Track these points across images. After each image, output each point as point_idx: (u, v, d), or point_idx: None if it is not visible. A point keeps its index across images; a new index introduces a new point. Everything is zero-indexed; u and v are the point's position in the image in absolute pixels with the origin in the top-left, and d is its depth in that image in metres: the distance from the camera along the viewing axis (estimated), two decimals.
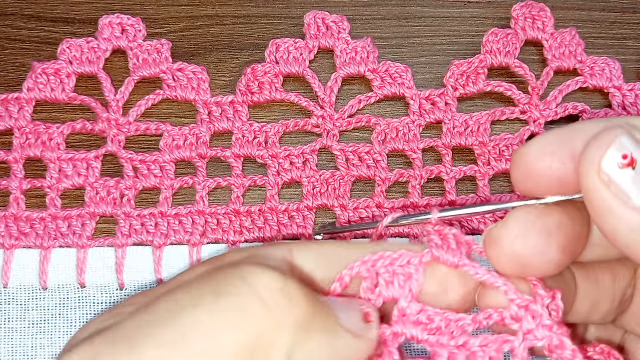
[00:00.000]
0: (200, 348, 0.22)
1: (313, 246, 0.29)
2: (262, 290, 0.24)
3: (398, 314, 0.27)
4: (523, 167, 0.25)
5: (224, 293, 0.24)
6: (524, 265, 0.26)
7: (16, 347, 0.36)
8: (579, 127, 0.25)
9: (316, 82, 0.40)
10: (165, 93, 0.40)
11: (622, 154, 0.22)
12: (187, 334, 0.22)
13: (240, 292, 0.24)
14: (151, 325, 0.23)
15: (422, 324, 0.27)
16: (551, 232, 0.25)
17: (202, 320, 0.23)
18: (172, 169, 0.39)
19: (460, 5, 0.43)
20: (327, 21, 0.41)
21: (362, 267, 0.28)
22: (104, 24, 0.41)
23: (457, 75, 0.40)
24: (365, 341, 0.26)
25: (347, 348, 0.26)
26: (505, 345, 0.26)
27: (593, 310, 0.29)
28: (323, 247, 0.29)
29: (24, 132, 0.39)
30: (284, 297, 0.24)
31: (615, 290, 0.29)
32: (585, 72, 0.40)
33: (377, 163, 0.39)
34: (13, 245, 0.37)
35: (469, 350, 0.26)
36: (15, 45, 0.41)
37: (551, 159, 0.25)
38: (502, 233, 0.26)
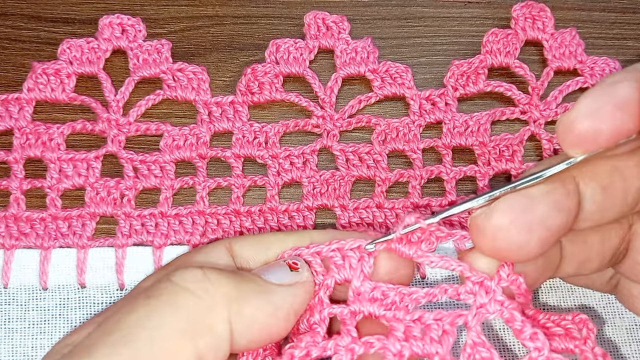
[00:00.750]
0: (145, 343, 0.25)
1: (250, 237, 0.33)
2: (186, 284, 0.27)
3: (353, 294, 0.29)
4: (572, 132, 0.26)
5: (155, 295, 0.27)
6: (503, 254, 0.27)
7: (16, 347, 0.36)
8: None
9: (316, 82, 0.40)
10: (165, 93, 0.40)
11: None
12: (130, 335, 0.25)
13: (169, 291, 0.27)
14: (102, 334, 0.26)
15: (377, 300, 0.29)
16: (532, 228, 0.26)
17: (140, 320, 0.26)
18: (172, 169, 0.39)
19: (460, 6, 0.43)
20: (327, 21, 0.41)
21: (308, 252, 0.31)
22: (104, 24, 0.41)
23: (457, 75, 0.40)
24: (300, 285, 0.30)
25: (284, 298, 0.29)
26: (459, 319, 0.28)
27: (582, 268, 0.31)
28: (260, 237, 0.33)
29: (24, 132, 0.39)
30: (207, 282, 0.28)
31: (604, 250, 0.30)
32: (585, 72, 0.41)
33: (377, 163, 0.39)
34: (13, 245, 0.37)
35: (423, 323, 0.28)
36: (15, 45, 0.41)
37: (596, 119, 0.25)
38: (485, 224, 0.27)
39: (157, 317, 0.26)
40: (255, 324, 0.28)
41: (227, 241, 0.33)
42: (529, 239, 0.26)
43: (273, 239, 0.33)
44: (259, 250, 0.32)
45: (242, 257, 0.32)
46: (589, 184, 0.28)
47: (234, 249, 0.32)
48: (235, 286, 0.28)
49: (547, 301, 0.37)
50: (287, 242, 0.32)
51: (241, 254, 0.32)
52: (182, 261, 0.31)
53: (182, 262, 0.31)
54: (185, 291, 0.27)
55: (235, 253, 0.32)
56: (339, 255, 0.30)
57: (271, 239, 0.33)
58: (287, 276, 0.30)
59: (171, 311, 0.26)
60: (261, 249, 0.32)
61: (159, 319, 0.26)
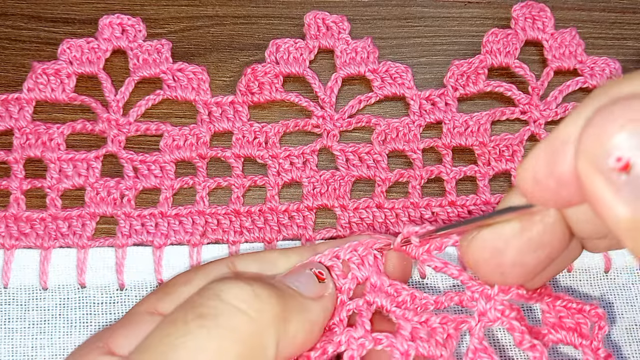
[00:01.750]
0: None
1: (252, 255, 0.32)
2: (239, 303, 0.26)
3: (370, 287, 0.31)
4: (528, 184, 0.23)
5: (208, 316, 0.26)
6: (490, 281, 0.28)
7: (16, 347, 0.36)
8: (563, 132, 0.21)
9: (316, 82, 0.40)
10: (165, 93, 0.40)
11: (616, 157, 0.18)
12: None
13: (222, 312, 0.26)
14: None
15: (390, 296, 0.30)
16: (505, 272, 0.26)
17: (200, 348, 0.25)
18: (172, 169, 0.39)
19: (460, 6, 0.43)
20: (327, 21, 0.41)
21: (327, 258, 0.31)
22: (104, 24, 0.41)
23: (457, 75, 0.40)
24: (329, 297, 0.30)
25: (319, 313, 0.29)
26: (463, 325, 0.29)
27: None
28: (264, 255, 0.32)
29: (24, 132, 0.39)
30: (258, 301, 0.27)
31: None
32: (585, 72, 0.41)
33: (377, 163, 0.39)
34: (13, 246, 0.37)
35: (430, 326, 0.29)
36: (15, 45, 0.41)
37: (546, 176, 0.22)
38: (466, 255, 0.27)
39: (217, 343, 0.25)
40: (296, 341, 0.28)
41: (228, 260, 0.32)
42: (504, 278, 0.26)
43: (277, 256, 0.32)
44: (266, 267, 0.32)
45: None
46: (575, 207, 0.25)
47: (238, 267, 0.31)
48: (282, 305, 0.28)
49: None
50: (290, 258, 0.32)
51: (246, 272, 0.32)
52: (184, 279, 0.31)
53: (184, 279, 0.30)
54: (238, 312, 0.26)
55: (238, 271, 0.31)
56: (356, 255, 0.31)
57: (274, 255, 0.32)
58: (317, 288, 0.30)
59: (229, 334, 0.25)
60: (268, 266, 0.32)
61: (219, 344, 0.25)
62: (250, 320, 0.26)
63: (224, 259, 0.32)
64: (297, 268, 0.31)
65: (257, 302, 0.27)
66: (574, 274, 0.37)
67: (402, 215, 0.38)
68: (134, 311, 0.30)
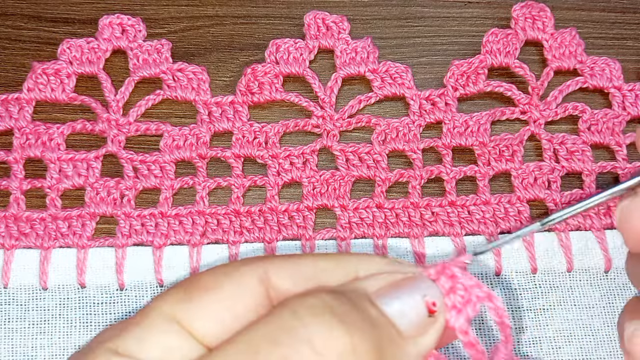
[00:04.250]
0: None
1: (288, 265, 0.27)
2: (330, 354, 0.22)
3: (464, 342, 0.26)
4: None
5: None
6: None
7: (16, 347, 0.36)
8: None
9: (316, 82, 0.40)
10: (165, 93, 0.40)
11: None
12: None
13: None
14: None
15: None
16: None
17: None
18: (172, 169, 0.39)
19: (460, 5, 0.43)
20: (327, 21, 0.41)
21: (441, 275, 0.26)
22: (104, 24, 0.41)
23: (457, 75, 0.40)
24: (430, 335, 0.25)
25: (415, 351, 0.25)
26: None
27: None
28: (299, 265, 0.27)
29: (24, 132, 0.39)
30: (353, 356, 0.23)
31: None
32: (585, 72, 0.41)
33: (377, 163, 0.39)
34: (13, 246, 0.37)
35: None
36: (15, 45, 0.41)
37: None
38: (633, 207, 0.25)
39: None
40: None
41: (260, 266, 0.27)
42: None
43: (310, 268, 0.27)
44: (299, 283, 0.26)
45: (278, 290, 0.26)
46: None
47: (271, 277, 0.26)
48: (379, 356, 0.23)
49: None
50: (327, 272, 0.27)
51: (278, 287, 0.26)
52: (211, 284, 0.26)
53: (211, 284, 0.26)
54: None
55: (271, 284, 0.26)
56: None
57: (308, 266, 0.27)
58: (423, 323, 0.25)
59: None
60: (300, 281, 0.27)
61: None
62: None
63: (256, 263, 0.27)
64: (400, 284, 0.25)
65: (353, 357, 0.22)
66: (573, 274, 0.38)
67: (402, 215, 0.38)
68: (149, 312, 0.26)
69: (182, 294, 0.26)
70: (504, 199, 0.39)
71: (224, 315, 0.25)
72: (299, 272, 0.27)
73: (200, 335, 0.25)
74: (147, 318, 0.25)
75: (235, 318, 0.25)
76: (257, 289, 0.26)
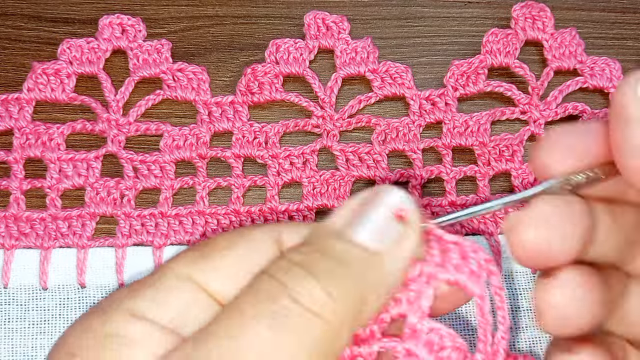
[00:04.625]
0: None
1: (302, 229, 0.27)
2: (311, 304, 0.23)
3: (409, 331, 0.25)
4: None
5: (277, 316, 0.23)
6: (541, 255, 0.25)
7: (16, 347, 0.36)
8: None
9: (316, 82, 0.40)
10: (165, 93, 0.40)
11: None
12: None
13: (293, 313, 0.23)
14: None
15: (432, 344, 0.25)
16: (573, 221, 0.25)
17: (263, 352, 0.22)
18: (172, 169, 0.39)
19: (460, 5, 0.43)
20: (327, 21, 0.41)
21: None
22: (104, 24, 0.41)
23: (457, 75, 0.40)
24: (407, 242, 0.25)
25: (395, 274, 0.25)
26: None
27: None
28: (311, 226, 0.27)
29: (24, 132, 0.39)
30: (332, 302, 0.23)
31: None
32: (585, 72, 0.41)
33: (377, 163, 0.39)
34: (13, 246, 0.37)
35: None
36: (15, 45, 0.41)
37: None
38: (522, 221, 0.25)
39: (287, 347, 0.22)
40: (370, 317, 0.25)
41: (274, 229, 0.27)
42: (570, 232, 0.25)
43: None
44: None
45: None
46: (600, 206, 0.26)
47: (284, 239, 0.27)
48: (359, 294, 0.24)
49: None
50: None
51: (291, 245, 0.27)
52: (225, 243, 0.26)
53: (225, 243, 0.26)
54: (313, 316, 0.23)
55: (284, 246, 0.27)
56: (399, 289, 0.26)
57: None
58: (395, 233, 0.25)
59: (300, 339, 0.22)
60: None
61: (289, 349, 0.22)
62: (325, 324, 0.23)
63: (270, 226, 0.27)
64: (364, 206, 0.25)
65: (332, 304, 0.23)
66: None
67: None
68: (163, 272, 0.26)
69: (196, 255, 0.26)
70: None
71: (239, 274, 0.25)
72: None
73: (216, 294, 0.25)
74: (162, 279, 0.25)
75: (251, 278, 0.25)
76: (271, 250, 0.26)
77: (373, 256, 0.24)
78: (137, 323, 0.24)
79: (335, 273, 0.24)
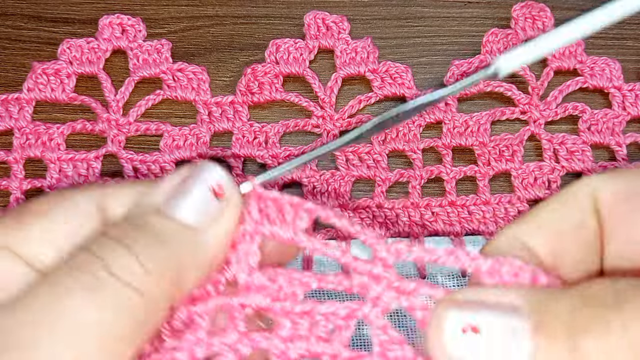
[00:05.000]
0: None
1: (126, 191, 0.27)
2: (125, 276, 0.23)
3: (241, 286, 0.26)
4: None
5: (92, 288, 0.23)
6: None
7: None
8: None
9: (316, 82, 0.40)
10: (165, 93, 0.40)
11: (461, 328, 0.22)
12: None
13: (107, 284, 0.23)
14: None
15: (266, 288, 0.26)
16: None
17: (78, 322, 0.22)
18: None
19: (460, 5, 0.43)
20: (327, 21, 0.41)
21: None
22: (104, 24, 0.41)
23: (457, 75, 0.40)
24: (226, 218, 0.26)
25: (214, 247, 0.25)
26: (356, 312, 0.25)
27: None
28: (133, 191, 0.27)
29: (24, 132, 0.39)
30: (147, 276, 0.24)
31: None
32: (585, 72, 0.41)
33: (377, 163, 0.39)
34: None
35: (312, 318, 0.25)
36: (15, 45, 0.41)
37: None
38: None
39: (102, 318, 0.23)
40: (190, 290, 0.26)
41: (97, 193, 0.26)
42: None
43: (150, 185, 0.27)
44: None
45: (114, 214, 0.26)
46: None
47: (108, 204, 0.26)
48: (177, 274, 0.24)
49: None
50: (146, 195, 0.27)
51: (114, 212, 0.26)
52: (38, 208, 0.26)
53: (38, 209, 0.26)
54: (128, 287, 0.23)
55: (109, 213, 0.26)
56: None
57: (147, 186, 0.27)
58: (214, 208, 0.26)
59: (117, 310, 0.23)
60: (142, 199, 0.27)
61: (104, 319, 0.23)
62: (140, 296, 0.23)
63: (93, 190, 0.27)
64: (184, 183, 0.26)
65: (148, 278, 0.24)
66: None
67: (402, 215, 0.38)
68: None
69: (11, 223, 0.26)
70: (504, 199, 0.39)
71: (59, 240, 0.25)
72: (136, 192, 0.27)
73: (34, 261, 0.25)
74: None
75: (72, 244, 0.25)
76: (93, 215, 0.26)
77: (191, 232, 0.25)
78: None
79: (153, 248, 0.24)
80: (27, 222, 0.26)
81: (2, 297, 0.24)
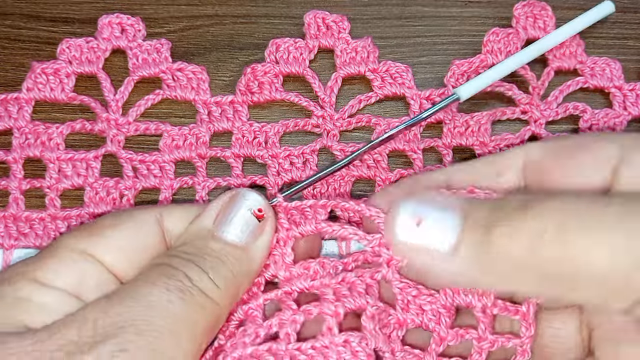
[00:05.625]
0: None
1: (178, 210, 0.33)
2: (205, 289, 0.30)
3: (282, 280, 0.33)
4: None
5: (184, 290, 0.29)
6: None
7: None
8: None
9: (316, 82, 0.40)
10: (165, 93, 0.40)
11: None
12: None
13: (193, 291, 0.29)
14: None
15: (303, 275, 0.33)
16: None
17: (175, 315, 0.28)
18: (172, 169, 0.39)
19: (461, 5, 0.43)
20: (327, 21, 0.41)
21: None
22: (104, 23, 0.41)
23: (457, 74, 0.40)
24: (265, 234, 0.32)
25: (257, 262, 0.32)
26: (377, 274, 0.32)
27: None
28: (188, 211, 0.33)
29: (23, 132, 0.39)
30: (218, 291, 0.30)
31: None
32: (585, 72, 0.40)
33: (377, 163, 0.39)
34: (12, 246, 0.37)
35: (348, 282, 0.32)
36: (14, 45, 0.41)
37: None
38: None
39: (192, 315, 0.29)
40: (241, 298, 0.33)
41: (157, 211, 0.33)
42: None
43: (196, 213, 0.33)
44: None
45: (171, 233, 0.33)
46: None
47: (165, 221, 0.33)
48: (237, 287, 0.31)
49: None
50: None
51: (171, 230, 0.33)
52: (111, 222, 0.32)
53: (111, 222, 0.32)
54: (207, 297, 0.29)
55: (165, 227, 0.32)
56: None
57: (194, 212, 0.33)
58: (255, 228, 0.32)
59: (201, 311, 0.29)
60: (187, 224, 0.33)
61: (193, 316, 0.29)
62: (215, 305, 0.30)
63: (153, 209, 0.33)
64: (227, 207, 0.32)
65: (219, 292, 0.30)
66: None
67: None
68: (61, 246, 0.30)
69: (86, 233, 0.31)
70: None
71: (127, 249, 0.31)
72: (188, 217, 0.33)
73: (110, 266, 0.30)
74: (59, 252, 0.30)
75: (138, 252, 0.31)
76: (154, 228, 0.32)
77: (241, 251, 0.31)
78: (42, 289, 0.28)
79: (218, 269, 0.30)
80: (101, 232, 0.31)
81: (90, 296, 0.29)
